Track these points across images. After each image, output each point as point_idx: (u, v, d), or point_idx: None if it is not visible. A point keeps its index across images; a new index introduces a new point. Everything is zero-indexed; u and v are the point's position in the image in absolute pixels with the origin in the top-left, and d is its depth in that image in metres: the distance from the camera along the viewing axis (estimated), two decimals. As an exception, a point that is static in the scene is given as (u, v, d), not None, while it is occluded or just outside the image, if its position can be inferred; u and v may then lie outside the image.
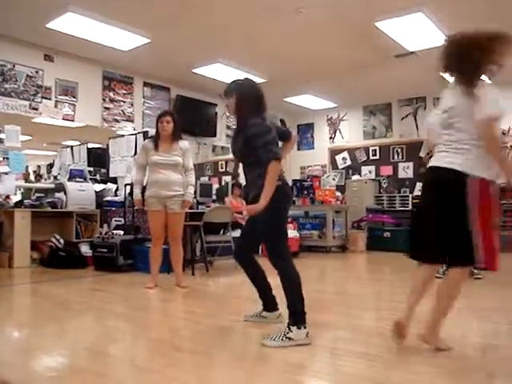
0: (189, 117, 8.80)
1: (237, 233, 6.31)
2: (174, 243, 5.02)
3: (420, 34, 6.55)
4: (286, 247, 3.04)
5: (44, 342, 3.00)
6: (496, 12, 6.05)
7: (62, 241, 6.81)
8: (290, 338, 2.78)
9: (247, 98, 3.10)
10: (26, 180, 8.80)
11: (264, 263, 3.31)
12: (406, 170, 10.34)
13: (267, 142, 2.92)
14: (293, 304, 2.88)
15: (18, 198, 7.54)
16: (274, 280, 3.11)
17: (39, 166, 11.56)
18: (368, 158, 10.93)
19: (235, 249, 3.52)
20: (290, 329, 2.82)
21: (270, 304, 3.39)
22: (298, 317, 2.85)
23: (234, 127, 3.34)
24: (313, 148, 11.82)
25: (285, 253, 3.01)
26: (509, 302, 4.16)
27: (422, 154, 9.12)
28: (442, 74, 2.79)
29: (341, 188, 10.31)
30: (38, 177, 10.82)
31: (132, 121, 8.42)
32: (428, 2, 5.76)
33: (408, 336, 2.72)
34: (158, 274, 5.06)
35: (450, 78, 2.73)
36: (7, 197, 6.90)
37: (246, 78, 3.30)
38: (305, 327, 2.83)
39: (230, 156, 9.05)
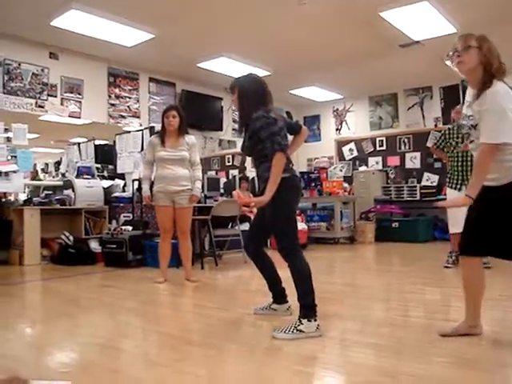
0: (195, 111, 8.80)
1: (245, 226, 6.33)
2: (182, 237, 5.04)
3: (425, 23, 6.50)
4: (295, 239, 3.03)
5: (56, 338, 3.03)
6: (501, 1, 6.00)
7: (71, 238, 6.85)
8: (300, 331, 2.79)
9: (249, 93, 3.10)
10: (34, 178, 8.84)
11: (274, 255, 3.32)
12: (413, 160, 10.30)
13: (272, 134, 2.91)
14: (303, 296, 2.89)
15: (23, 196, 7.55)
16: (284, 272, 3.12)
17: (47, 164, 11.58)
18: (375, 148, 10.90)
19: (245, 242, 3.52)
20: (300, 321, 2.82)
21: (279, 296, 3.40)
22: (308, 309, 2.85)
23: (238, 123, 3.34)
24: (319, 140, 11.79)
25: (294, 245, 3.00)
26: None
27: (429, 143, 9.09)
28: (447, 62, 2.74)
29: (348, 179, 10.29)
30: (45, 174, 10.87)
31: (138, 117, 8.43)
32: (433, -10, 5.72)
33: (418, 326, 2.72)
34: (168, 268, 5.09)
35: (453, 68, 2.68)
36: (13, 195, 6.95)
37: (249, 73, 3.28)
38: (315, 320, 2.84)
39: (237, 150, 8.98)
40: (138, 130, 8.21)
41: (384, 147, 10.76)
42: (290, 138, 3.29)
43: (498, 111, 2.41)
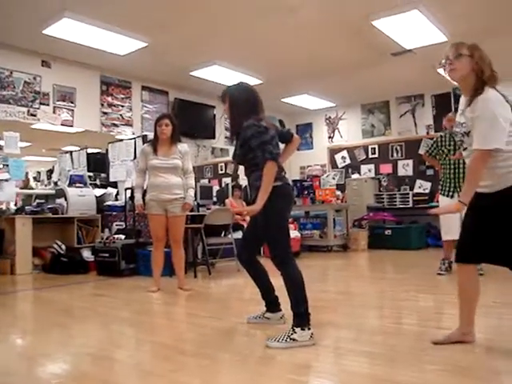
0: (187, 119, 8.80)
1: (238, 234, 6.33)
2: (175, 246, 5.02)
3: (416, 31, 6.54)
4: (288, 248, 3.02)
5: (48, 348, 3.00)
6: (491, 10, 6.06)
7: (63, 246, 6.82)
8: (294, 340, 2.78)
9: (240, 101, 3.11)
10: (26, 187, 8.80)
11: (267, 264, 3.32)
12: (405, 168, 10.35)
13: (263, 142, 2.91)
14: (296, 305, 2.88)
15: (12, 206, 7.46)
16: (277, 281, 3.12)
17: (39, 172, 11.54)
18: (367, 156, 10.94)
19: (238, 250, 3.52)
20: (294, 330, 2.81)
21: (273, 305, 3.39)
22: (302, 318, 2.85)
23: (229, 132, 3.34)
24: (312, 148, 11.82)
25: (287, 253, 2.99)
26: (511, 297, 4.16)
27: (422, 151, 9.13)
28: (438, 70, 2.77)
29: (341, 187, 10.31)
30: (37, 182, 10.83)
31: (131, 125, 8.42)
32: (423, -1, 5.78)
33: (411, 334, 2.72)
34: (161, 277, 5.07)
35: (446, 75, 2.71)
36: (5, 204, 6.90)
37: (240, 82, 3.28)
38: (309, 328, 2.83)
39: (230, 158, 9.01)
40: (130, 139, 8.20)
41: (376, 155, 10.80)
42: (282, 146, 3.30)
43: (489, 117, 2.43)
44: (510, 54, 7.29)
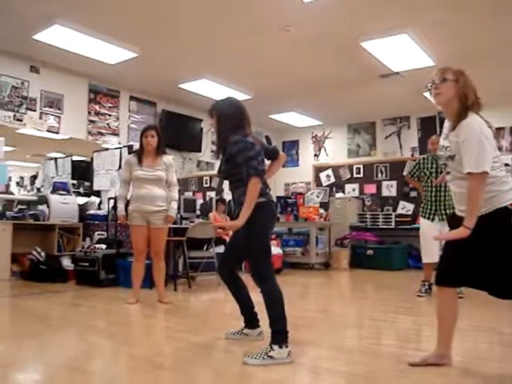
0: (174, 131, 8.80)
1: (220, 249, 6.30)
2: (156, 258, 5.00)
3: (405, 55, 6.65)
4: (268, 265, 3.02)
5: (21, 357, 2.95)
6: (479, 36, 6.18)
7: (43, 254, 6.73)
8: (271, 357, 2.77)
9: (227, 116, 3.12)
10: (6, 191, 8.71)
11: (247, 279, 3.31)
12: (389, 189, 10.43)
13: (248, 158, 2.92)
14: (275, 322, 2.87)
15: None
16: (257, 297, 3.11)
17: (22, 178, 11.45)
18: (352, 175, 11.00)
19: (219, 264, 3.50)
20: (271, 347, 2.80)
21: (251, 321, 3.37)
22: (280, 336, 2.83)
23: (216, 146, 3.35)
24: (297, 165, 11.86)
25: (267, 270, 2.99)
26: (490, 321, 4.19)
27: (405, 172, 9.21)
28: (424, 94, 2.83)
29: (325, 205, 10.35)
30: (20, 188, 10.73)
31: (117, 134, 8.39)
32: (412, 24, 5.86)
33: (389, 355, 2.72)
34: (140, 289, 5.03)
35: (432, 99, 2.75)
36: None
37: (228, 97, 3.30)
38: (287, 346, 2.82)
39: (215, 171, 8.99)
40: (116, 148, 8.17)
41: (361, 175, 10.87)
42: (268, 162, 3.32)
43: (475, 141, 2.47)
44: (495, 80, 7.44)
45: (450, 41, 6.31)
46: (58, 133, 7.56)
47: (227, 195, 9.17)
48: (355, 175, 10.95)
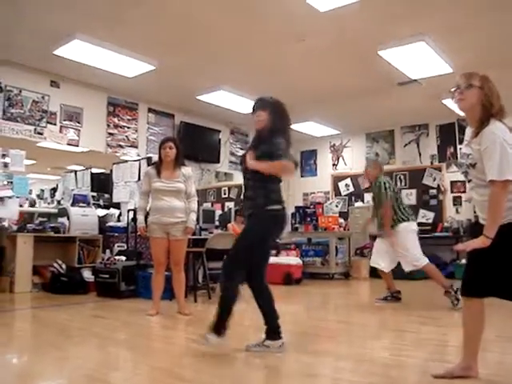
0: (192, 143, 8.85)
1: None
2: (176, 270, 4.99)
3: (422, 62, 6.60)
4: (241, 268, 3.23)
5: (44, 369, 2.96)
6: (497, 42, 6.12)
7: (64, 266, 6.79)
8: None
9: (280, 116, 3.40)
10: (33, 205, 8.81)
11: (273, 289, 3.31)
12: (409, 197, 10.31)
13: (285, 151, 3.18)
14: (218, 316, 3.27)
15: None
16: (282, 308, 3.09)
17: (42, 190, 11.58)
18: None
19: (246, 275, 3.42)
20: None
21: (274, 333, 3.34)
22: (217, 329, 3.25)
23: (252, 143, 3.49)
24: (316, 175, 11.81)
25: (238, 270, 3.22)
26: (497, 331, 4.11)
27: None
28: (443, 101, 2.80)
29: (344, 215, 10.30)
30: (40, 200, 10.84)
31: (136, 146, 8.45)
32: (430, 31, 5.83)
33: (412, 366, 2.67)
34: (160, 300, 5.02)
35: (452, 106, 2.73)
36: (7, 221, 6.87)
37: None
38: (220, 336, 3.20)
39: (233, 182, 8.95)
40: (135, 160, 8.22)
41: (380, 183, 10.76)
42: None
43: (499, 149, 2.43)
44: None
45: (468, 47, 6.26)
46: (77, 146, 7.64)
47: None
48: (374, 184, 10.85)
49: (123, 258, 6.44)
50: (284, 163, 3.13)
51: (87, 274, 6.84)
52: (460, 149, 2.66)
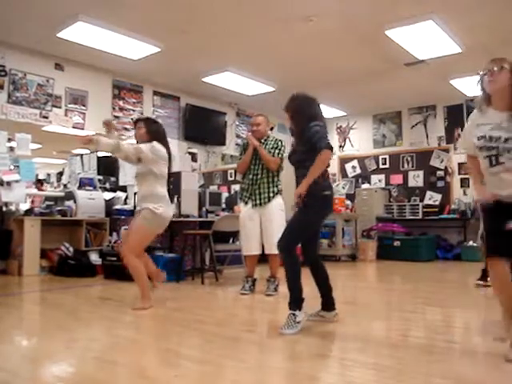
0: (198, 125, 8.83)
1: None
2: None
3: (430, 42, 6.51)
4: (296, 243, 3.49)
5: (52, 350, 2.98)
6: (506, 22, 6.02)
7: (71, 249, 6.82)
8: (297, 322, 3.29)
9: (307, 104, 3.72)
10: (40, 189, 8.81)
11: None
12: (416, 179, 10.29)
13: (325, 135, 3.63)
14: (292, 291, 3.41)
15: (26, 206, 7.38)
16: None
17: (49, 174, 11.60)
18: (378, 166, 10.88)
19: (301, 253, 3.68)
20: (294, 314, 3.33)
21: (328, 304, 3.66)
22: (295, 302, 3.36)
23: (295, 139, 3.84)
24: (322, 156, 11.74)
25: (294, 245, 3.44)
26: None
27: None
28: (451, 82, 2.89)
29: (350, 197, 10.29)
30: (47, 184, 10.86)
31: (142, 129, 8.41)
32: (438, 10, 5.74)
33: (418, 346, 2.67)
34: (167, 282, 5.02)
35: (460, 87, 2.84)
36: (14, 205, 6.89)
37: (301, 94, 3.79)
38: (300, 310, 3.35)
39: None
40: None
41: (387, 165, 10.75)
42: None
43: None
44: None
45: (477, 26, 6.14)
46: (83, 129, 7.63)
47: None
48: (381, 166, 10.83)
49: (130, 240, 6.44)
50: (319, 164, 3.53)
51: (94, 257, 6.87)
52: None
